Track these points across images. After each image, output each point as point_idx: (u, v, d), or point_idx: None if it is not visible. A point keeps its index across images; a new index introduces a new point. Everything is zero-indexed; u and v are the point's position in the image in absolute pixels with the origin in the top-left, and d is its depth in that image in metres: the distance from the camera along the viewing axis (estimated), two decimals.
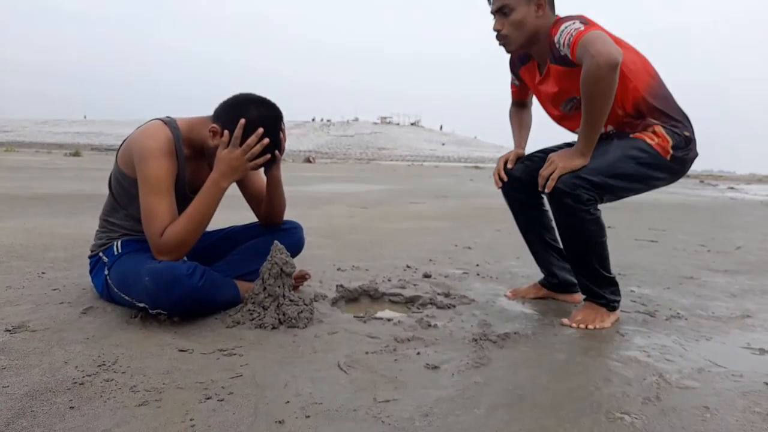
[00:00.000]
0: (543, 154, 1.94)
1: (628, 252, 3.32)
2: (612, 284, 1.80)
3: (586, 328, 1.74)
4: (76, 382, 1.19)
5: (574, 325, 1.76)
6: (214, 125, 1.68)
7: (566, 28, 1.66)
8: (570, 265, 1.90)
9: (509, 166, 1.99)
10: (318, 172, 14.92)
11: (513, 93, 2.14)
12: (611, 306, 1.80)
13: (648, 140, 1.73)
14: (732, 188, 18.27)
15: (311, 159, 27.87)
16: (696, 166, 2.00)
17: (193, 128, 1.74)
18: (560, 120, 1.93)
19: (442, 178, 14.92)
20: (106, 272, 1.72)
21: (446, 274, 2.51)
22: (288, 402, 1.15)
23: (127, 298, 1.63)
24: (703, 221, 5.80)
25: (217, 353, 1.39)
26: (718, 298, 2.28)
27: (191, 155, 1.75)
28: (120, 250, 1.74)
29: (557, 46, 1.69)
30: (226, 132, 1.65)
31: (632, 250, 3.45)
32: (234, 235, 2.02)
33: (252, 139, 1.63)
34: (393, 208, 5.83)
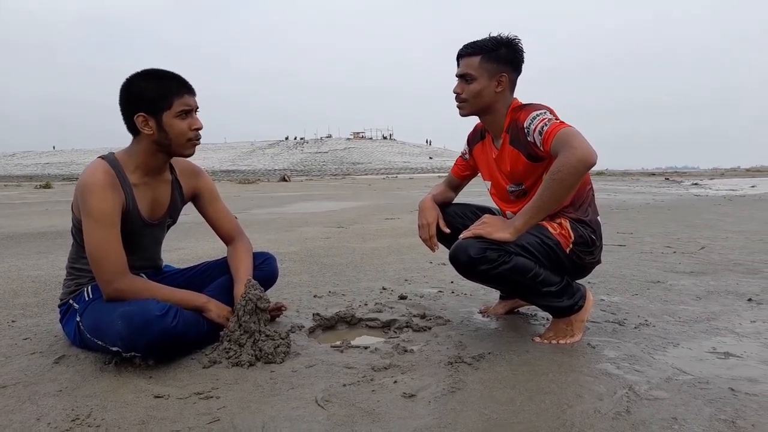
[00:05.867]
0: (472, 214, 1.98)
1: None
2: (564, 291, 1.77)
3: (558, 343, 1.78)
4: None
5: (545, 341, 1.80)
6: (139, 115, 1.66)
7: (538, 116, 1.71)
8: (521, 300, 1.90)
9: (445, 230, 2.00)
10: (293, 191, 14.87)
11: (456, 166, 2.13)
12: (576, 308, 1.79)
13: (550, 229, 1.77)
14: (696, 184, 18.81)
15: (286, 177, 27.77)
16: (660, 164, 2.04)
17: (132, 152, 1.74)
18: (503, 200, 1.95)
19: (415, 190, 15.01)
20: (77, 318, 1.70)
21: (422, 294, 2.54)
22: None
23: (100, 343, 1.61)
24: (669, 221, 5.97)
25: (193, 397, 1.39)
26: (685, 302, 2.35)
27: (142, 181, 1.75)
28: (91, 296, 1.72)
29: (526, 131, 1.73)
30: (232, 319, 1.69)
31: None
32: (206, 271, 2.02)
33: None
34: (368, 225, 5.86)
